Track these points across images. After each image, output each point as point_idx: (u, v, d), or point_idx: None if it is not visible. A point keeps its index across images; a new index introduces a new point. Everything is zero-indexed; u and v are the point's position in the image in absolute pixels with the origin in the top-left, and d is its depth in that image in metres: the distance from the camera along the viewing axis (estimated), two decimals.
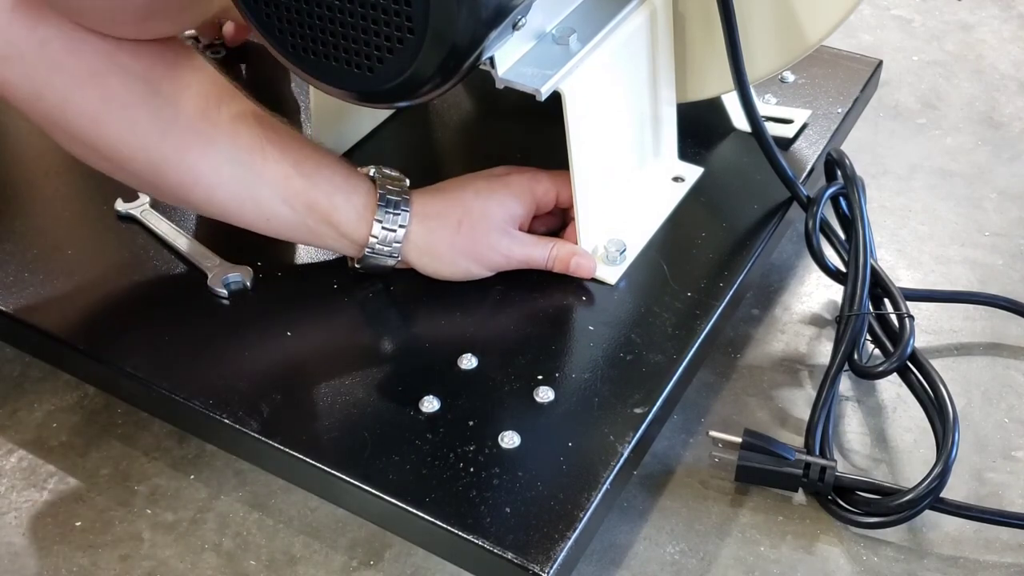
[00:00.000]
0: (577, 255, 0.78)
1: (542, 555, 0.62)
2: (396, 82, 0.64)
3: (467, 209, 0.76)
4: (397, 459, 0.67)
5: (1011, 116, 1.07)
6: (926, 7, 1.23)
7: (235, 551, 0.71)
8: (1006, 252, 0.92)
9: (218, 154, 0.73)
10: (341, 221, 0.75)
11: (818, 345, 0.85)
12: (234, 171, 0.73)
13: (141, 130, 0.72)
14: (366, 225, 0.75)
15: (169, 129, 0.72)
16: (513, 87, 0.70)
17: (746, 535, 0.72)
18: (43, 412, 0.80)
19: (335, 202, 0.74)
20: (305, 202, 0.74)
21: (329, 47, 0.65)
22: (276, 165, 0.74)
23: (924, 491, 0.69)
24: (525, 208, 0.78)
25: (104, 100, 0.71)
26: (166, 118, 0.72)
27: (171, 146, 0.72)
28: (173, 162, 0.73)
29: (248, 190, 0.74)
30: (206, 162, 0.73)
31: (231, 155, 0.73)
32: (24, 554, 0.71)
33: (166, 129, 0.72)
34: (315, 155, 0.75)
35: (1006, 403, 0.80)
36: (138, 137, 0.72)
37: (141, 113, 0.71)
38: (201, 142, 0.73)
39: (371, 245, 0.75)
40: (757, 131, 0.81)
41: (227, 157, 0.73)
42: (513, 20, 0.65)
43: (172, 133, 0.72)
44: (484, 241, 0.76)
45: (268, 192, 0.74)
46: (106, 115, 0.71)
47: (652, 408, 0.70)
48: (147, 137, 0.72)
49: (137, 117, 0.71)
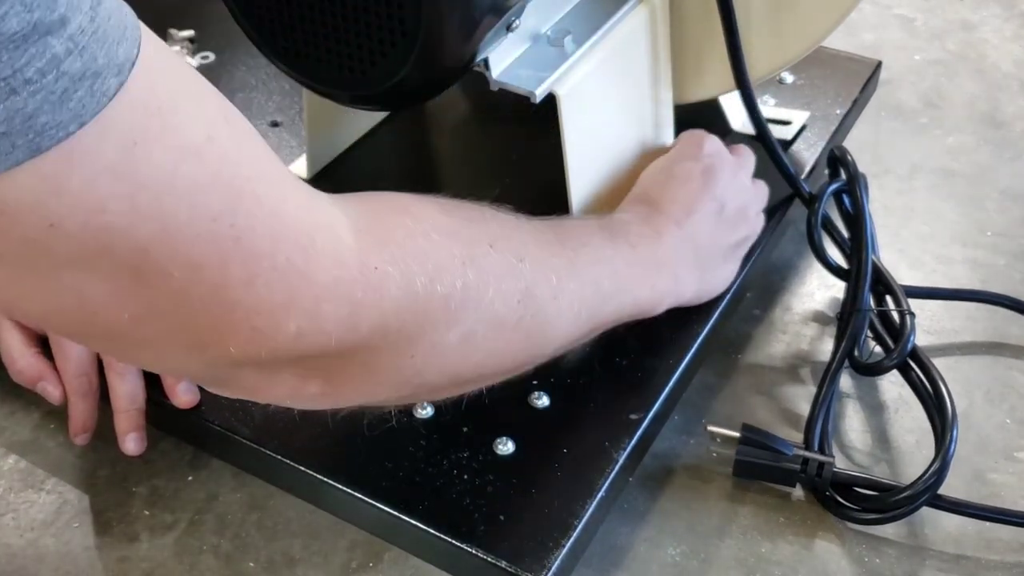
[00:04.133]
0: None
1: (536, 564, 0.60)
2: (389, 85, 0.62)
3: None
4: (390, 466, 0.65)
5: (1013, 116, 1.06)
6: (928, 6, 1.22)
7: (234, 552, 0.69)
8: (1008, 252, 0.91)
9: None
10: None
11: (819, 344, 0.83)
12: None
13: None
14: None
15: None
16: (508, 89, 0.68)
17: (747, 536, 0.70)
18: (40, 413, 0.78)
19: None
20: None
21: (321, 50, 0.63)
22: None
23: (922, 487, 0.68)
24: None
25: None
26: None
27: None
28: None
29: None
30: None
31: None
32: (21, 556, 0.69)
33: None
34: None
35: (1008, 403, 0.78)
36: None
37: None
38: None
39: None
40: (756, 121, 0.79)
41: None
42: (507, 22, 0.63)
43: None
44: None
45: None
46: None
47: (648, 414, 0.68)
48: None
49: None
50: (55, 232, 0.39)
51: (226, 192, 0.43)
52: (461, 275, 0.53)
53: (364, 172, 0.86)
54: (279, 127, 0.90)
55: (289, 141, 0.89)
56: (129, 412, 0.70)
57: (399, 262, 0.50)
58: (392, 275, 0.50)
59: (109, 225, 0.39)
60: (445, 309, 0.52)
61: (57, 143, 0.37)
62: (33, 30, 0.35)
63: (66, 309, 0.43)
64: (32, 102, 0.36)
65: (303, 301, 0.46)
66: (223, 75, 0.94)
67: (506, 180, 0.85)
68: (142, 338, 0.46)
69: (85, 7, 0.37)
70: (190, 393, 0.70)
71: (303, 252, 0.46)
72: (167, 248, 0.41)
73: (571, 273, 0.61)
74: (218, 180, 0.42)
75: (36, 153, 0.37)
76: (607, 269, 0.65)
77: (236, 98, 0.93)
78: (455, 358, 0.55)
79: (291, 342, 0.47)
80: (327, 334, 0.48)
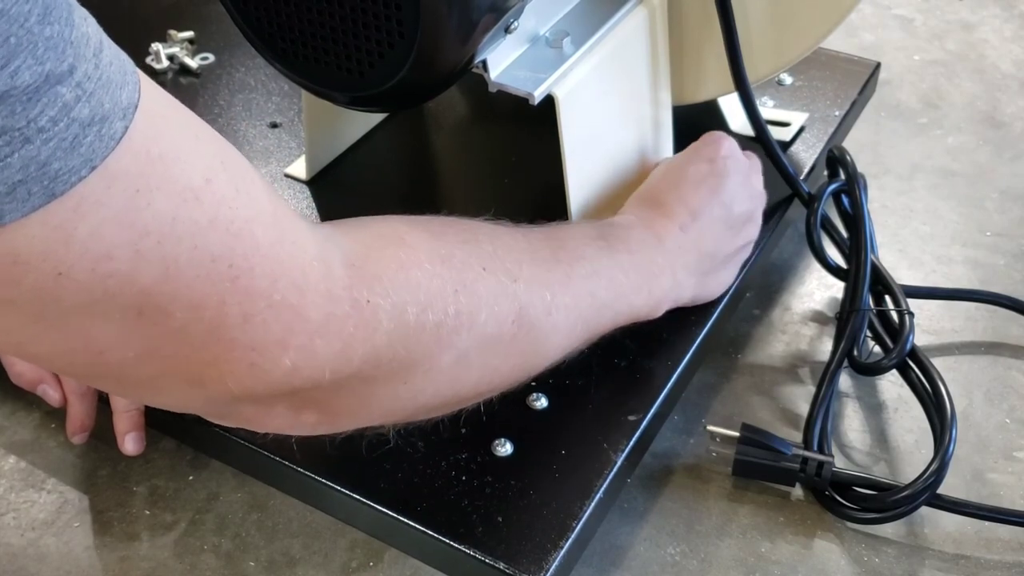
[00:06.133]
0: None
1: (534, 565, 0.60)
2: (387, 86, 0.61)
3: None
4: (388, 467, 0.65)
5: (1013, 116, 1.05)
6: (927, 6, 1.21)
7: (234, 552, 0.69)
8: (1008, 252, 0.90)
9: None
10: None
11: (819, 344, 0.82)
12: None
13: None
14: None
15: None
16: (506, 91, 0.67)
17: (747, 536, 0.70)
18: (41, 412, 0.77)
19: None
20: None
21: (319, 51, 0.62)
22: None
23: (921, 487, 0.68)
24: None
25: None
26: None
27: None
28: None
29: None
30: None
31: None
32: (22, 555, 0.69)
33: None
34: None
35: (1008, 403, 0.78)
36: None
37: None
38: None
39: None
40: (756, 122, 0.78)
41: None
42: (505, 23, 0.62)
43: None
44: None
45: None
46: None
47: (646, 415, 0.67)
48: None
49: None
50: (63, 281, 0.39)
51: (224, 234, 0.43)
52: (453, 302, 0.53)
53: (363, 173, 0.85)
54: (278, 128, 0.90)
55: (288, 142, 0.88)
56: (129, 412, 0.71)
57: (391, 295, 0.51)
58: (384, 307, 0.50)
59: (114, 272, 0.40)
60: (437, 337, 0.53)
61: (71, 188, 0.38)
62: (45, 81, 0.36)
63: (74, 351, 0.44)
64: (45, 149, 0.37)
65: (297, 338, 0.47)
66: (222, 76, 0.94)
67: (504, 181, 0.85)
68: (146, 376, 0.46)
69: (89, 54, 0.38)
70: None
71: (297, 290, 0.46)
72: (168, 289, 0.42)
73: (566, 288, 0.61)
74: (216, 223, 0.43)
75: (51, 198, 0.37)
76: (603, 280, 0.64)
77: (235, 99, 0.92)
78: (449, 380, 0.56)
79: (286, 377, 0.48)
80: (320, 368, 0.48)
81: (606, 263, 0.65)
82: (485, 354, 0.56)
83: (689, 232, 0.70)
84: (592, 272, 0.64)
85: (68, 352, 0.44)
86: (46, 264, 0.39)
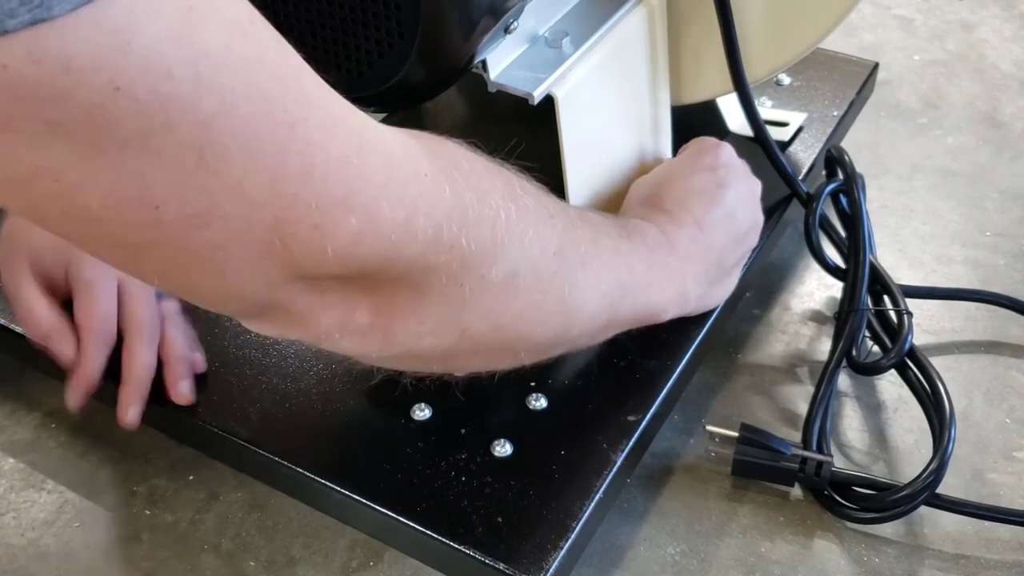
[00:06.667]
0: None
1: (534, 566, 0.59)
2: (386, 86, 0.61)
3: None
4: (388, 467, 0.64)
5: (1012, 116, 1.05)
6: (927, 6, 1.21)
7: (234, 552, 0.69)
8: (1007, 252, 0.90)
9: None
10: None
11: (818, 344, 0.82)
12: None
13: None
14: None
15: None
16: (506, 90, 0.67)
17: (747, 536, 0.70)
18: (42, 412, 0.77)
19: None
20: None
21: (318, 51, 0.61)
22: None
23: (920, 486, 0.68)
24: None
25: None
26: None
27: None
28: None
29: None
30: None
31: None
32: (22, 555, 0.69)
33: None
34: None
35: (1007, 403, 0.78)
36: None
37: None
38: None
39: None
40: (754, 122, 0.78)
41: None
42: (505, 23, 0.62)
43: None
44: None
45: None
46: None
47: (646, 415, 0.67)
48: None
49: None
50: (121, 97, 0.36)
51: (274, 75, 0.41)
52: (504, 206, 0.51)
53: None
54: None
55: None
56: (141, 381, 0.68)
57: (448, 173, 0.49)
58: (443, 184, 0.48)
59: (175, 94, 0.37)
60: (493, 237, 0.51)
61: None
62: None
63: (127, 202, 0.40)
64: None
65: (361, 197, 0.44)
66: None
67: None
68: (201, 246, 0.43)
69: None
70: (189, 390, 0.69)
71: (356, 148, 0.44)
72: (227, 125, 0.39)
73: (595, 252, 0.60)
74: (266, 61, 0.41)
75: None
76: (626, 262, 0.63)
77: None
78: (498, 300, 0.54)
79: (351, 243, 0.45)
80: (386, 236, 0.46)
81: (627, 248, 0.64)
82: (530, 280, 0.54)
83: (698, 243, 0.70)
84: (616, 250, 0.63)
85: (121, 204, 0.40)
86: (102, 74, 0.35)
